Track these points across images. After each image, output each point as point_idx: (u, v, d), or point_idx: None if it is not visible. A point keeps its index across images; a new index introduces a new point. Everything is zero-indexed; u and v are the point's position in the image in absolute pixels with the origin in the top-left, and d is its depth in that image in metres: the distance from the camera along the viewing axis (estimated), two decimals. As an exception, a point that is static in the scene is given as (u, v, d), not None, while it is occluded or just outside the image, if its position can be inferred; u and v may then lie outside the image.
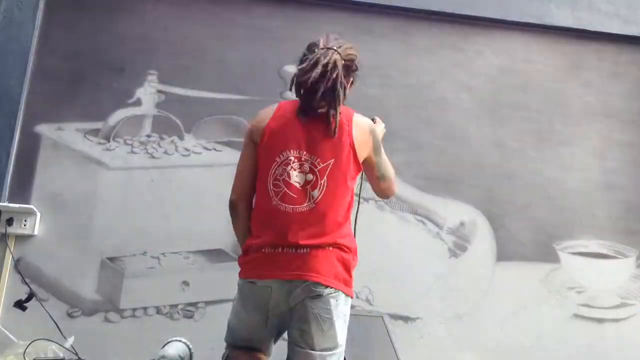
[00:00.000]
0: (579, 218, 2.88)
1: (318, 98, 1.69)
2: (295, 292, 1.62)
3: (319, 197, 1.66)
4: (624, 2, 3.15)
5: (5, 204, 2.49)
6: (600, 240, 2.86)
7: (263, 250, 1.66)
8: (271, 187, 1.69)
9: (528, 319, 2.71)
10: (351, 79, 1.83)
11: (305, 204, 1.66)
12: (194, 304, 2.52)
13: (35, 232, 2.51)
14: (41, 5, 2.74)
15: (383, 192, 1.87)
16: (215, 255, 2.45)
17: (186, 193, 2.63)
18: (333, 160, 1.69)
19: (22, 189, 2.56)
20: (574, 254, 2.83)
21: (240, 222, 1.75)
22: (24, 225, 2.48)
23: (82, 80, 2.70)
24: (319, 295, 1.62)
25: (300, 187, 1.67)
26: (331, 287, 1.63)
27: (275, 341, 1.76)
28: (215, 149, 2.71)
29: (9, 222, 2.45)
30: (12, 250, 2.46)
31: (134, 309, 2.49)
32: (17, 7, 2.62)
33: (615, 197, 2.93)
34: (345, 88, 1.76)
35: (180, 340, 2.02)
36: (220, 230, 2.12)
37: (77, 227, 2.55)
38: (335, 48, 1.73)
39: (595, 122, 3.03)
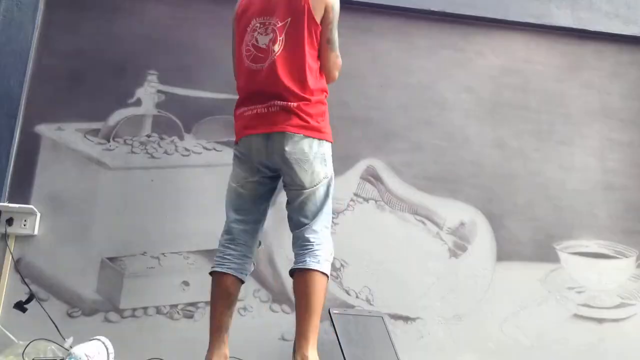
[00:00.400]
0: (579, 218, 2.87)
1: None
2: (273, 142, 1.92)
3: (279, 51, 1.92)
4: (624, 2, 3.15)
5: (5, 204, 2.48)
6: (600, 240, 2.86)
7: (244, 114, 1.98)
8: (245, 52, 1.98)
9: (528, 319, 2.70)
10: None
11: (268, 59, 1.92)
12: (194, 304, 2.51)
13: (35, 232, 2.51)
14: (41, 5, 2.74)
15: (330, 62, 2.03)
16: (215, 255, 2.45)
17: (186, 193, 2.62)
18: (290, 18, 1.94)
19: (22, 189, 2.55)
20: (574, 254, 2.83)
21: None
22: (24, 225, 2.48)
23: (82, 80, 2.70)
24: (294, 143, 1.91)
25: (265, 46, 1.94)
26: (301, 134, 1.92)
27: (269, 199, 2.09)
28: (215, 149, 2.70)
29: (9, 222, 2.45)
30: (12, 250, 2.46)
31: (134, 309, 2.48)
32: (17, 7, 2.62)
33: (615, 197, 2.93)
34: None
35: (98, 339, 2.00)
36: (220, 230, 2.11)
37: (77, 227, 2.55)
38: None
39: (595, 122, 3.03)
